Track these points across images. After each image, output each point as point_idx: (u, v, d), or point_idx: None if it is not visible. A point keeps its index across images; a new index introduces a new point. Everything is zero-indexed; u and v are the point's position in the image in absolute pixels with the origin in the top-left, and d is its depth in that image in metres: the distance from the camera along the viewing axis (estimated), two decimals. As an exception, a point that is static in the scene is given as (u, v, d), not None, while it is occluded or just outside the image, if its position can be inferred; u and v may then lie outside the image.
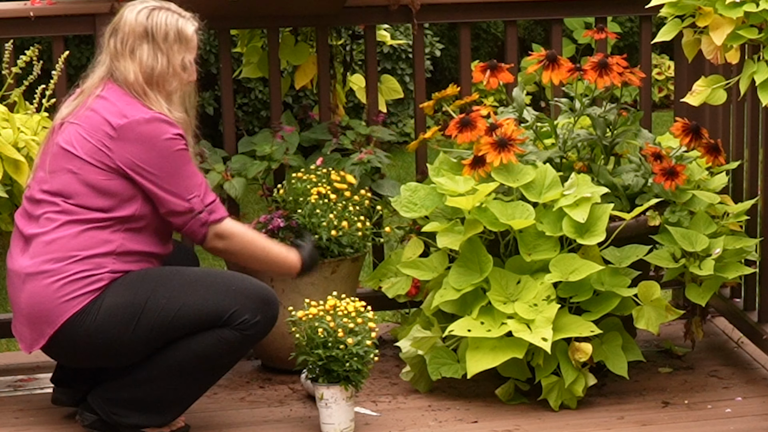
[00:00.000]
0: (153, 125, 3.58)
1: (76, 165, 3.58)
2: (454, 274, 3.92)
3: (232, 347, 3.63)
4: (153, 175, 3.57)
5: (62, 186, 3.59)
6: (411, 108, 9.16)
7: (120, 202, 3.58)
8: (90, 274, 3.55)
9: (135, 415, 3.68)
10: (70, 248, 3.55)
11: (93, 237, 3.57)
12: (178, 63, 3.67)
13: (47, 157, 3.64)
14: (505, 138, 3.98)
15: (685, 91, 3.97)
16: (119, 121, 3.57)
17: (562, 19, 4.71)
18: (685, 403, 3.99)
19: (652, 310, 3.97)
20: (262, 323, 3.63)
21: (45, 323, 3.56)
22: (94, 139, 3.58)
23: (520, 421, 3.85)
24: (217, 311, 3.58)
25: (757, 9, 3.56)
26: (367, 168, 4.35)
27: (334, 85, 4.66)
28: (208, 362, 3.65)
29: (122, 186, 3.58)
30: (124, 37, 3.64)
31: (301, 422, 3.88)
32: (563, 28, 5.05)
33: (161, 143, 3.58)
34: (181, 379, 3.66)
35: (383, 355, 4.31)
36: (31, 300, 3.57)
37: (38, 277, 3.56)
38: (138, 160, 3.56)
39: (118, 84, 3.64)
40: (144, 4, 3.67)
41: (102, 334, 3.55)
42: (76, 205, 3.58)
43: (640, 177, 4.15)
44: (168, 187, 3.59)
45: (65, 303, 3.53)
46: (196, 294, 3.59)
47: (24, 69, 4.08)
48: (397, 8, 4.46)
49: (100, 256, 3.56)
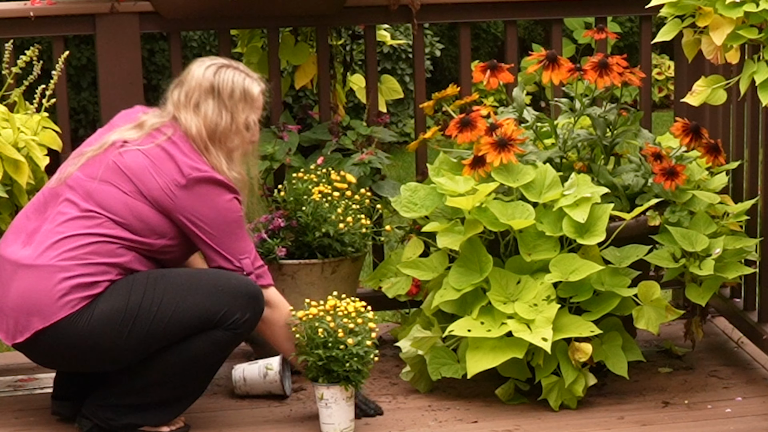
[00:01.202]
0: (218, 188, 3.61)
1: (129, 189, 3.59)
2: (454, 274, 3.92)
3: (224, 346, 3.67)
4: (209, 233, 3.62)
5: (104, 198, 3.58)
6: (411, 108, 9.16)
7: (153, 234, 3.60)
8: (93, 280, 3.54)
9: (131, 417, 3.68)
10: (81, 252, 3.55)
11: (107, 249, 3.57)
12: (242, 121, 3.68)
13: (97, 166, 3.61)
14: (505, 138, 3.98)
15: (685, 91, 3.97)
16: (191, 174, 3.58)
17: (562, 19, 4.71)
18: (685, 403, 3.99)
19: (652, 310, 3.97)
20: (251, 320, 3.66)
21: (36, 317, 3.53)
22: (160, 179, 3.58)
23: (520, 421, 3.86)
24: (209, 314, 3.60)
25: (757, 9, 3.56)
26: (367, 169, 4.35)
27: (334, 85, 4.67)
28: (201, 363, 3.66)
29: (164, 225, 3.61)
30: (190, 91, 3.66)
31: (301, 422, 3.88)
32: (563, 28, 5.04)
33: (223, 205, 3.61)
34: (175, 382, 3.67)
35: (383, 355, 4.31)
36: (26, 291, 3.54)
37: (39, 270, 3.54)
38: (198, 215, 3.60)
39: (182, 132, 3.65)
40: (213, 61, 3.71)
41: (92, 339, 3.54)
42: (108, 219, 3.57)
43: (640, 177, 4.15)
44: (222, 247, 3.64)
45: (62, 302, 3.52)
46: (186, 298, 3.59)
47: (24, 69, 4.07)
48: (397, 8, 4.46)
49: (106, 265, 3.56)
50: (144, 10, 4.32)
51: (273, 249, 4.09)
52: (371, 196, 4.30)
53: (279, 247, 4.10)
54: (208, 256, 3.67)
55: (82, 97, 8.14)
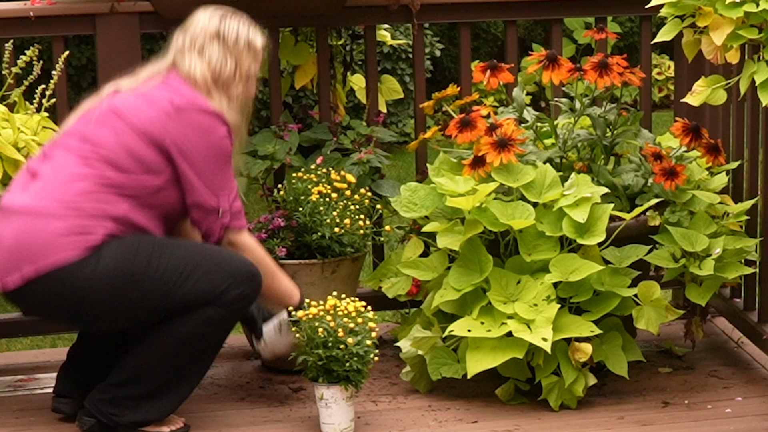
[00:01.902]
0: (212, 119, 3.60)
1: (120, 126, 3.59)
2: (454, 274, 3.92)
3: (219, 325, 3.64)
4: (196, 163, 3.59)
5: (97, 137, 3.59)
6: (411, 108, 9.16)
7: (145, 170, 3.58)
8: (87, 229, 3.51)
9: (133, 413, 3.67)
10: (76, 198, 3.53)
11: (102, 197, 3.55)
12: (245, 69, 3.69)
13: (92, 113, 3.64)
14: (505, 138, 3.98)
15: (685, 91, 3.97)
16: (181, 103, 3.59)
17: (562, 19, 4.71)
18: (685, 403, 3.99)
19: (652, 310, 3.97)
20: (248, 298, 3.65)
21: (28, 260, 3.50)
22: (151, 110, 3.59)
23: (520, 421, 3.86)
24: (210, 287, 3.58)
25: (757, 9, 3.56)
26: (367, 168, 4.35)
27: (334, 85, 4.67)
28: (198, 344, 3.64)
29: (155, 158, 3.58)
30: (195, 35, 3.67)
31: (301, 422, 3.88)
32: (563, 28, 5.04)
33: (215, 137, 3.60)
34: (174, 366, 3.65)
35: (383, 355, 4.31)
36: (21, 233, 3.52)
37: (34, 214, 3.52)
38: (188, 143, 3.58)
39: (182, 76, 3.65)
40: (217, 10, 3.72)
41: (89, 294, 3.52)
42: (101, 158, 3.56)
43: (640, 177, 4.15)
44: (205, 178, 3.60)
45: (60, 248, 3.49)
46: (190, 269, 3.58)
47: (24, 69, 4.08)
48: (397, 8, 4.46)
49: (101, 215, 3.54)
50: (144, 10, 4.32)
51: (273, 249, 4.09)
52: (371, 196, 4.30)
53: (279, 247, 4.10)
54: (188, 189, 3.61)
55: (82, 97, 8.11)
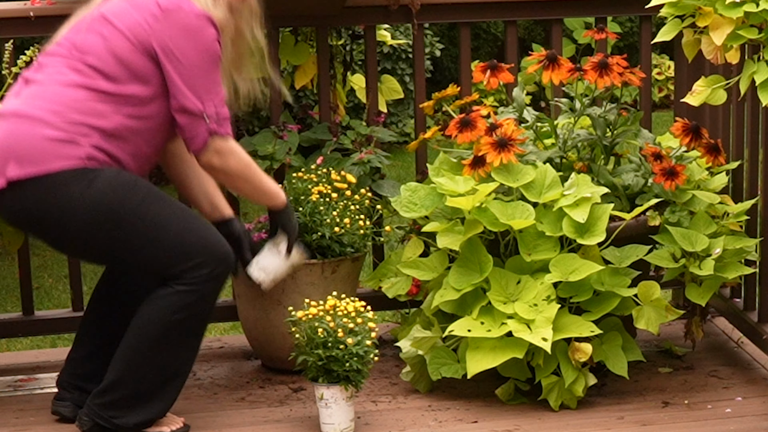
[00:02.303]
0: (201, 21, 3.57)
1: (108, 31, 3.57)
2: (454, 274, 3.92)
3: (192, 309, 3.60)
4: (181, 64, 3.55)
5: (86, 43, 3.57)
6: (411, 108, 9.16)
7: (134, 79, 3.56)
8: (73, 140, 3.50)
9: (132, 413, 3.66)
10: (66, 107, 3.52)
11: (91, 106, 3.53)
12: None
13: (83, 21, 3.62)
14: (505, 138, 3.98)
15: (685, 91, 3.97)
16: (169, 5, 3.56)
17: (562, 19, 4.70)
18: (685, 403, 3.99)
19: (652, 310, 3.97)
20: (218, 279, 3.61)
21: (14, 162, 3.48)
22: (138, 14, 3.56)
23: (520, 421, 3.86)
24: (179, 259, 3.56)
25: (757, 9, 3.56)
26: (367, 168, 4.35)
27: (334, 85, 4.67)
28: (177, 333, 3.61)
29: (143, 64, 3.56)
30: None
31: (301, 422, 3.88)
32: (563, 28, 5.04)
33: (202, 40, 3.56)
34: (159, 359, 3.62)
35: (383, 355, 4.31)
36: (8, 136, 3.51)
37: (25, 118, 3.51)
38: (174, 45, 3.54)
39: None
40: None
41: (72, 215, 3.50)
42: (91, 67, 3.55)
43: (640, 177, 4.15)
44: (190, 81, 3.56)
45: (50, 156, 3.48)
46: (171, 234, 3.57)
47: (24, 69, 4.07)
48: (397, 8, 4.46)
49: (88, 126, 3.52)
50: (144, 10, 4.32)
51: (273, 249, 4.09)
52: (371, 197, 4.30)
53: (279, 247, 4.10)
54: (174, 93, 3.56)
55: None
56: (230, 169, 3.67)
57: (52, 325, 4.51)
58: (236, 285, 4.25)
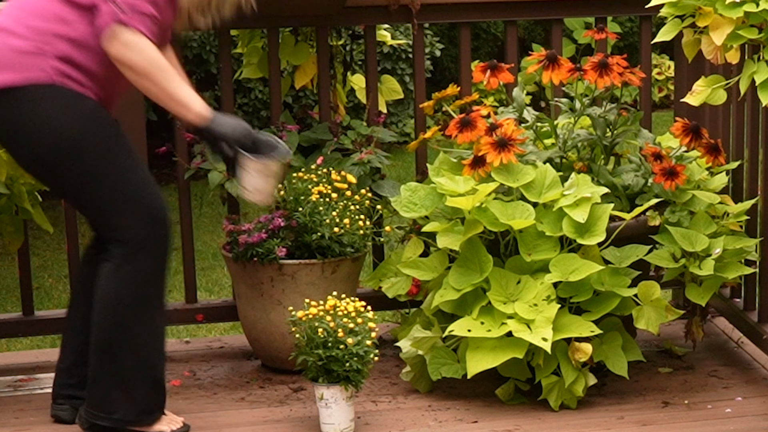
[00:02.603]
0: None
1: None
2: (454, 274, 3.92)
3: (141, 275, 3.58)
4: None
5: None
6: (411, 108, 9.17)
7: None
8: (41, 51, 3.46)
9: (126, 405, 3.64)
10: (35, 18, 3.48)
11: (56, 13, 3.48)
12: None
13: None
14: (505, 138, 3.98)
15: (685, 91, 3.97)
16: None
17: (562, 19, 4.71)
18: (685, 403, 3.99)
19: (652, 310, 3.97)
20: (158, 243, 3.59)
21: None
22: None
23: (520, 421, 3.86)
24: (124, 210, 3.55)
25: (757, 9, 3.56)
26: (367, 168, 4.35)
27: (334, 85, 4.67)
28: (135, 304, 3.59)
29: None
30: None
31: (301, 422, 3.88)
32: (563, 28, 5.04)
33: None
34: (124, 337, 3.60)
35: (383, 355, 4.31)
36: None
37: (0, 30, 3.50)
38: None
39: None
40: None
41: (37, 133, 3.48)
42: None
43: (640, 177, 4.15)
44: None
45: (17, 65, 3.46)
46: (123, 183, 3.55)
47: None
48: (397, 8, 4.46)
49: (57, 36, 3.48)
50: (144, 10, 4.31)
51: (273, 249, 4.09)
52: (371, 197, 4.30)
53: (279, 247, 4.10)
54: None
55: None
56: (134, 65, 3.50)
57: (52, 325, 4.50)
58: (236, 285, 4.26)
